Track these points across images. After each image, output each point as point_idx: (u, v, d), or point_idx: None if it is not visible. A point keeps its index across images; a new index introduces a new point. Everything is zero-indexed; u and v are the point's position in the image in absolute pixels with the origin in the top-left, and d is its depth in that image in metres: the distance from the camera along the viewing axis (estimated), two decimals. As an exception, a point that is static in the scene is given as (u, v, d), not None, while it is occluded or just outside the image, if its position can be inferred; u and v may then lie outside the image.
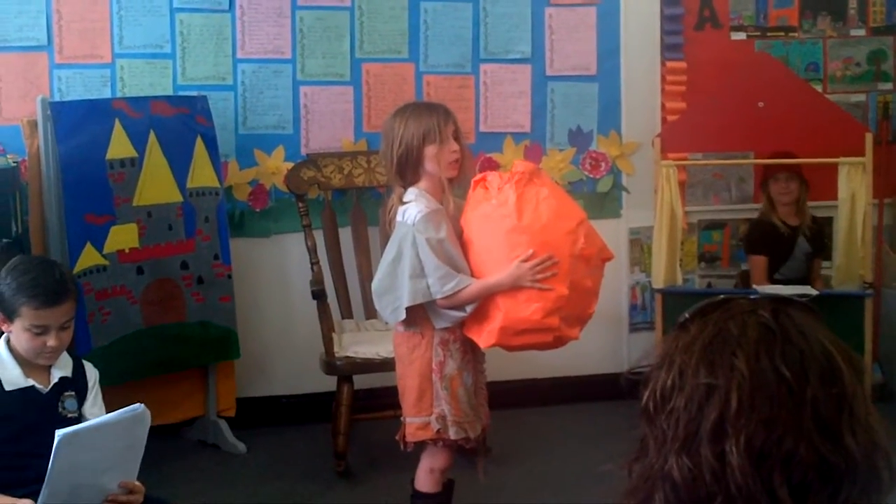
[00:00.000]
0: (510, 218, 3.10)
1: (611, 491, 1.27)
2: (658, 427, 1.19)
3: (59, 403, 2.83)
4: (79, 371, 2.90)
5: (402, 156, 3.15)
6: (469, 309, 3.10)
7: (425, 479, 3.27)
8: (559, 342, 3.17)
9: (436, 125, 3.14)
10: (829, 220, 4.87)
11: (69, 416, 2.83)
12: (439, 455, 3.23)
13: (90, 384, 2.91)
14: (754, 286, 4.47)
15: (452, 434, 3.15)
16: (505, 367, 4.17)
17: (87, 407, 2.88)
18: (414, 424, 3.19)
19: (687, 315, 1.25)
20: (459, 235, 3.16)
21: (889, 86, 5.10)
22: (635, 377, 1.27)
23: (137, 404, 2.59)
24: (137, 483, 2.65)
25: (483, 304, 3.10)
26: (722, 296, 1.25)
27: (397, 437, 3.26)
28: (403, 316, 3.11)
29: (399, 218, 3.16)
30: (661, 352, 1.23)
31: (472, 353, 3.21)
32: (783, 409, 1.12)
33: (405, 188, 3.18)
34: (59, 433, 2.44)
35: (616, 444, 1.25)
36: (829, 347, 1.17)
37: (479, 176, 3.24)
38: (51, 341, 2.74)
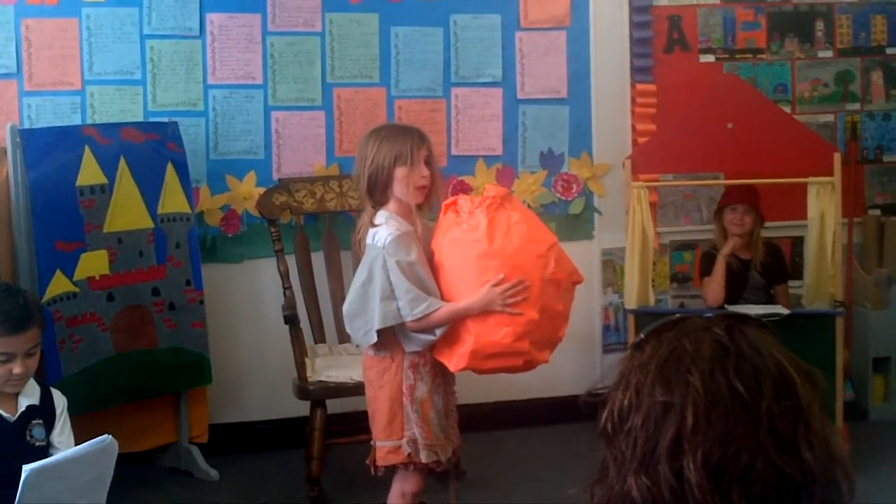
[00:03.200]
0: (481, 242, 3.11)
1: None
2: (617, 448, 1.19)
3: (27, 432, 2.82)
4: (46, 399, 2.88)
5: (371, 175, 3.16)
6: (439, 332, 3.10)
7: (397, 503, 3.26)
8: (529, 366, 3.18)
9: (409, 148, 3.15)
10: (799, 240, 4.91)
11: (37, 444, 2.82)
12: (410, 479, 3.22)
13: (58, 412, 2.90)
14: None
15: (423, 457, 3.15)
16: (479, 389, 4.17)
17: (56, 435, 2.87)
18: (385, 448, 3.18)
19: (642, 335, 1.25)
20: (429, 258, 3.17)
21: (857, 106, 5.15)
22: (594, 399, 1.27)
23: (105, 435, 2.57)
24: (106, 511, 2.63)
25: (453, 327, 3.10)
26: (677, 315, 1.26)
27: (368, 462, 3.25)
28: (375, 339, 3.11)
29: (369, 241, 3.16)
30: (618, 372, 1.23)
31: (442, 376, 3.21)
32: (739, 423, 1.12)
33: (375, 209, 3.18)
34: (25, 469, 2.42)
35: (589, 467, 1.25)
36: (782, 362, 1.18)
37: (449, 200, 3.25)
38: (17, 368, 2.72)
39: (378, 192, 3.18)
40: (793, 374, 1.17)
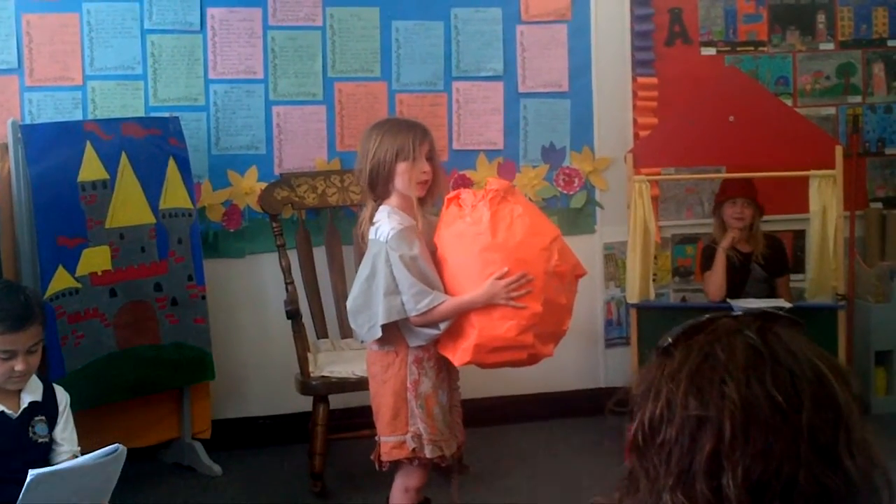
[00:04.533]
0: (484, 236, 3.10)
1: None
2: (649, 461, 1.14)
3: (30, 429, 2.81)
4: (49, 395, 2.88)
5: (373, 169, 3.16)
6: (443, 326, 3.09)
7: (400, 498, 3.26)
8: (533, 359, 3.17)
9: (410, 143, 3.14)
10: (801, 233, 4.92)
11: (40, 441, 2.81)
12: (413, 474, 3.21)
13: (60, 408, 2.89)
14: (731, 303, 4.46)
15: (428, 452, 3.14)
16: (482, 384, 4.17)
17: (59, 431, 2.86)
18: (389, 444, 3.17)
19: (670, 339, 1.19)
20: (432, 253, 3.16)
21: (858, 99, 5.14)
22: (620, 410, 1.21)
23: (115, 445, 2.56)
24: (109, 508, 2.63)
25: (457, 321, 3.09)
26: (707, 315, 1.20)
27: (372, 457, 3.24)
28: (380, 334, 3.10)
29: (372, 235, 3.15)
30: (646, 381, 1.18)
31: (446, 371, 3.21)
32: (779, 437, 1.08)
33: (377, 203, 3.18)
34: (31, 473, 2.41)
35: (594, 460, 1.23)
36: (819, 366, 1.13)
37: (452, 193, 3.24)
38: (18, 366, 2.72)
39: (380, 187, 3.17)
40: (831, 380, 1.12)
